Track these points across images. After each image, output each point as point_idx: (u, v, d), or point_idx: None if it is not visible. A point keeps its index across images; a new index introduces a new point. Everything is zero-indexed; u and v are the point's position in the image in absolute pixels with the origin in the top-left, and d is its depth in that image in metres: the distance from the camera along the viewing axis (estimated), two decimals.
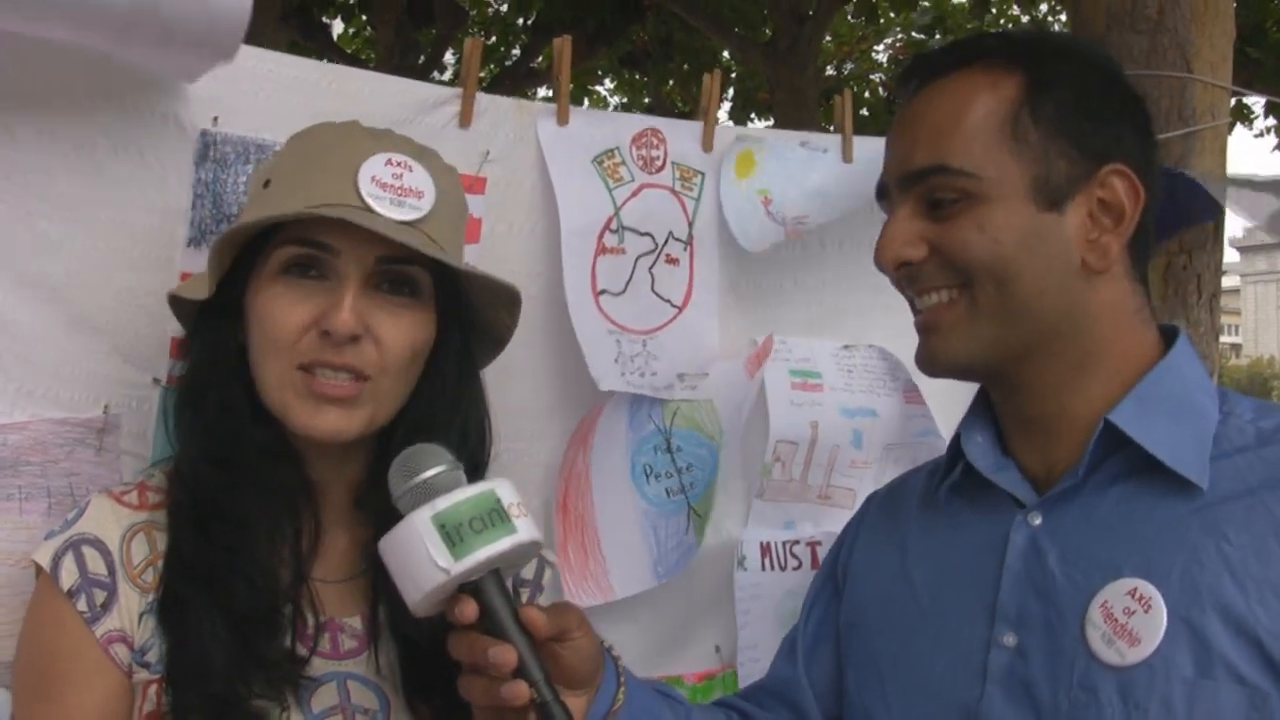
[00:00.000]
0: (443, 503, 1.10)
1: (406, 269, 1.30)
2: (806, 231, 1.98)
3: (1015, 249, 1.20)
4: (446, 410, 1.36)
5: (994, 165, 1.21)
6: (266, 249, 1.28)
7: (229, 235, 1.27)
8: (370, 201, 1.25)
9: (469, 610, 1.10)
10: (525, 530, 1.12)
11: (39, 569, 1.27)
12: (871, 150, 2.08)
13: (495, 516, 1.10)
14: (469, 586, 1.11)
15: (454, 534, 1.08)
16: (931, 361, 1.29)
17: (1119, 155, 1.23)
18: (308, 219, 1.24)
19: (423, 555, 1.08)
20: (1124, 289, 1.26)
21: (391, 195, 1.27)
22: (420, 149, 1.34)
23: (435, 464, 1.15)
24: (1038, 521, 1.24)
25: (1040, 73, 1.24)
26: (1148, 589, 1.14)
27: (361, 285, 1.26)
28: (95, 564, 1.26)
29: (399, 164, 1.29)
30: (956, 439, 1.36)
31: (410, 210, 1.27)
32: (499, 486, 1.13)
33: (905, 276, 1.27)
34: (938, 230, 1.24)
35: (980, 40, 1.31)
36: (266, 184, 1.31)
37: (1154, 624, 1.12)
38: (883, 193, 1.32)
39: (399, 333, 1.29)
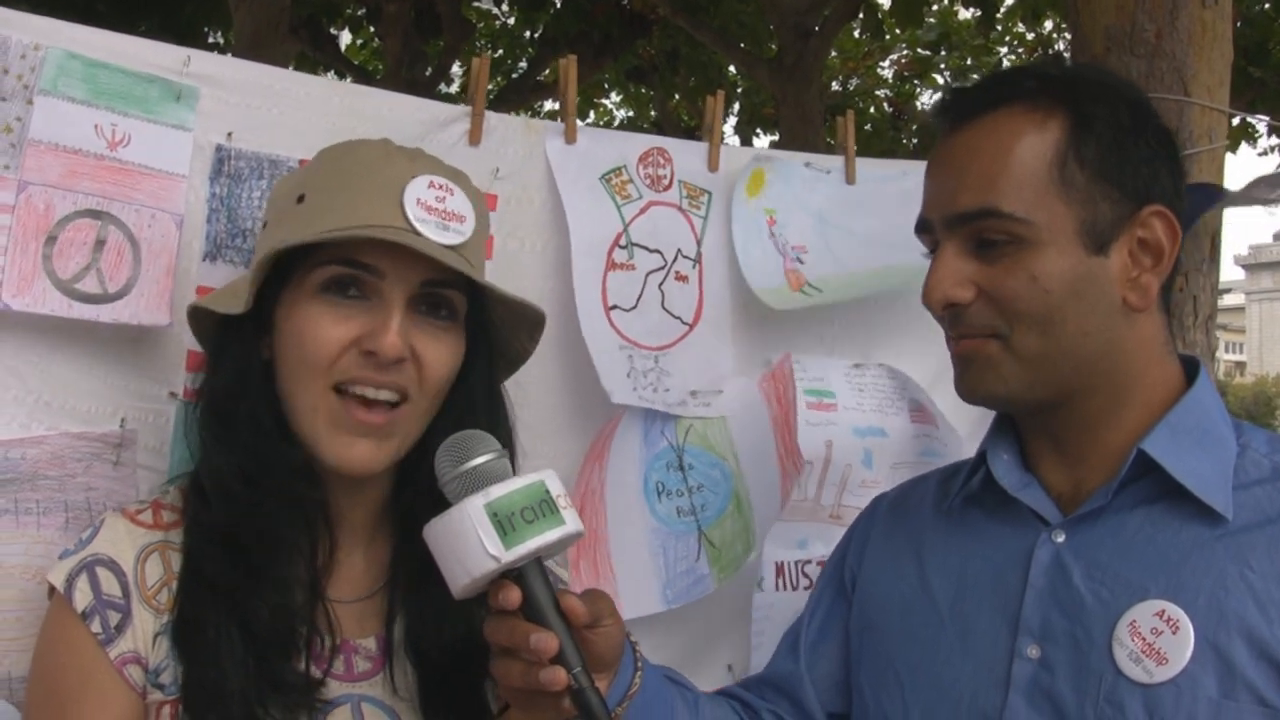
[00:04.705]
0: (496, 491, 1.12)
1: (447, 292, 1.30)
2: (801, 277, 2.00)
3: (1065, 295, 1.23)
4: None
5: (1044, 210, 1.23)
6: (304, 266, 1.27)
7: (274, 251, 1.26)
8: (417, 225, 1.25)
9: (513, 596, 1.13)
10: (572, 522, 1.15)
11: (52, 589, 1.26)
12: (873, 172, 2.11)
13: (545, 507, 1.13)
14: (512, 573, 1.13)
15: (506, 523, 1.11)
16: (971, 392, 1.32)
17: (1157, 195, 1.26)
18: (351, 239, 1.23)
19: (474, 542, 1.11)
20: (1157, 323, 1.29)
21: (437, 219, 1.27)
22: (454, 171, 1.33)
23: (484, 450, 1.17)
24: (1061, 539, 1.28)
25: (1081, 113, 1.25)
26: (1176, 611, 1.18)
27: (405, 308, 1.27)
28: (110, 585, 1.25)
29: (441, 187, 1.29)
30: (981, 453, 1.39)
31: (455, 234, 1.28)
32: (547, 478, 1.16)
33: (951, 316, 1.30)
34: (987, 273, 1.26)
35: (1020, 76, 1.32)
36: (300, 199, 1.29)
37: (1182, 645, 1.16)
38: (924, 227, 1.33)
39: (440, 355, 1.29)
